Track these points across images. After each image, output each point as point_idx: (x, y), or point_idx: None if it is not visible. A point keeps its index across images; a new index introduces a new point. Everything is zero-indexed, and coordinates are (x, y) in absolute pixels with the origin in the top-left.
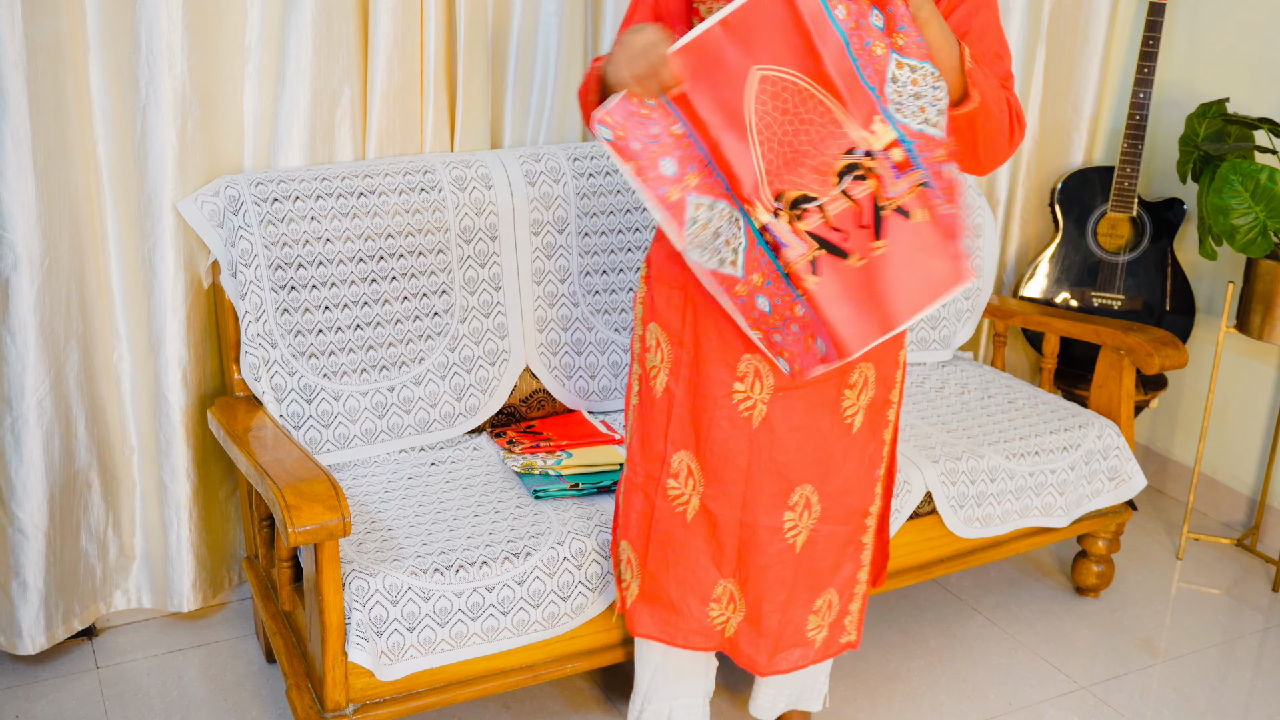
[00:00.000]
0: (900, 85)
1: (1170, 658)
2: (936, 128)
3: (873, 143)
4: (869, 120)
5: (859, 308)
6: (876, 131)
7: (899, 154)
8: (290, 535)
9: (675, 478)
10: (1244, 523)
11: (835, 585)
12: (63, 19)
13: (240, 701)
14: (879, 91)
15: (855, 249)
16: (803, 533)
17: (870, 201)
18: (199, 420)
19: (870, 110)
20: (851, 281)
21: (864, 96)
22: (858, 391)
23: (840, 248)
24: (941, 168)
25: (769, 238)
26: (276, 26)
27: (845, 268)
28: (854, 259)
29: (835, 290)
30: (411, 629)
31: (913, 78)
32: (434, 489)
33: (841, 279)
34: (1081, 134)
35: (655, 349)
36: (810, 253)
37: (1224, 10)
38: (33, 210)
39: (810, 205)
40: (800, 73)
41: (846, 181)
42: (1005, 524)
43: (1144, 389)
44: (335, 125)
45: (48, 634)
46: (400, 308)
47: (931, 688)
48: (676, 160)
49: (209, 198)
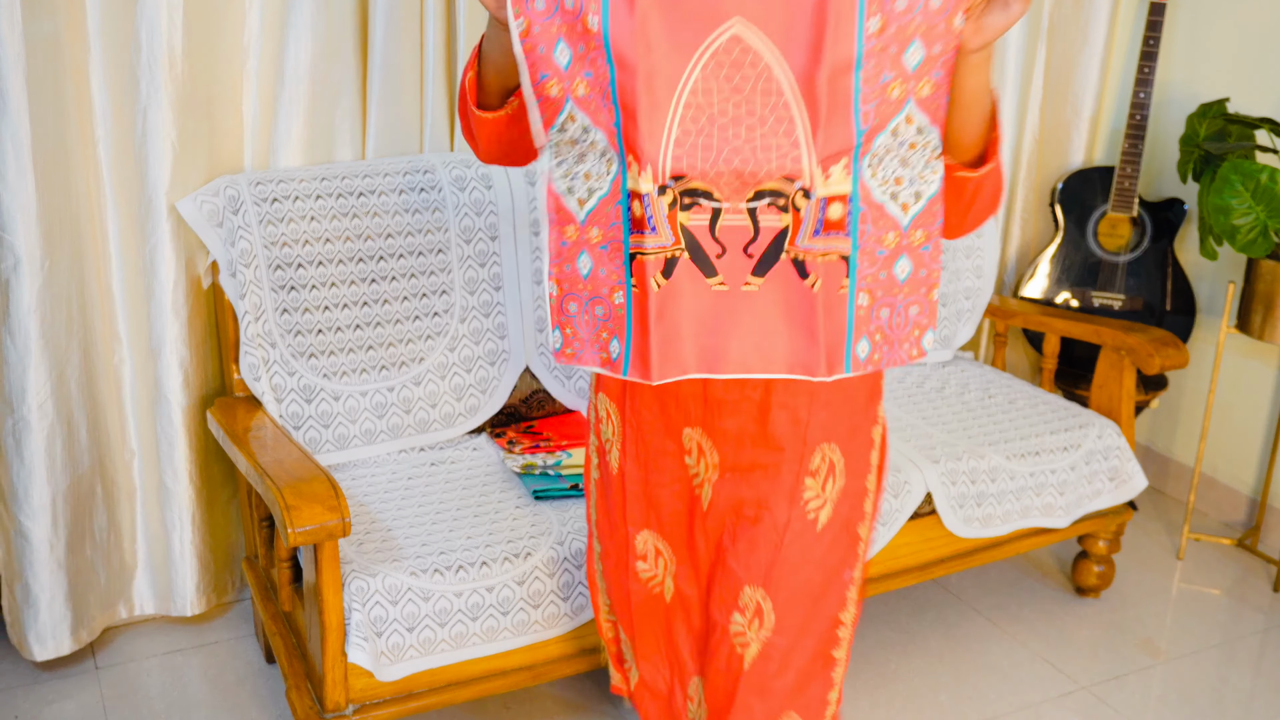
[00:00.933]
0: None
1: (1171, 658)
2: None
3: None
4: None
5: (689, 334)
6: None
7: (837, 211)
8: (290, 535)
9: (644, 559)
10: (1244, 523)
11: (797, 709)
12: (62, 18)
13: (240, 702)
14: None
15: (724, 271)
16: (753, 644)
17: (773, 236)
18: (199, 421)
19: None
20: (698, 302)
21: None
22: (822, 480)
23: (710, 261)
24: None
25: (637, 209)
26: (276, 26)
27: (701, 285)
28: (715, 281)
29: (675, 303)
30: (411, 629)
31: (913, 140)
32: (434, 489)
33: (689, 294)
34: (1082, 134)
35: (606, 420)
36: (672, 249)
37: (1224, 10)
38: (33, 211)
39: (705, 203)
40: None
41: (762, 203)
42: (1005, 524)
43: (1145, 389)
44: (335, 125)
45: (53, 641)
46: (400, 308)
47: (931, 688)
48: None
49: (208, 198)
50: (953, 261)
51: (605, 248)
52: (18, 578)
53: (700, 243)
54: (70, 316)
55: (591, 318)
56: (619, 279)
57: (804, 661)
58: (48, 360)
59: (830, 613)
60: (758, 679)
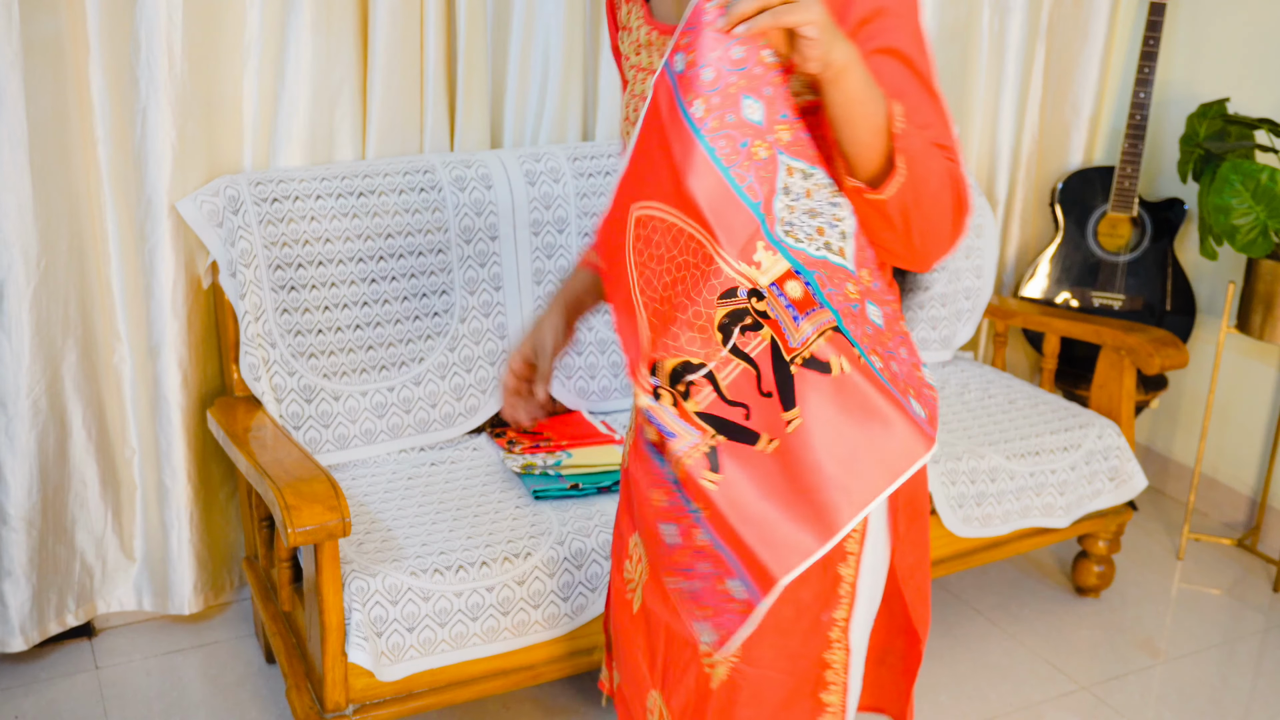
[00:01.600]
0: (793, 198)
1: (1171, 658)
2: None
3: (759, 278)
4: (750, 248)
5: (781, 510)
6: (762, 263)
7: (796, 288)
8: (290, 535)
9: (629, 559)
10: (1244, 523)
11: None
12: (63, 18)
13: (240, 702)
14: (765, 207)
15: (762, 427)
16: (720, 668)
17: (769, 357)
18: (199, 421)
19: (752, 235)
20: (766, 475)
21: (741, 216)
22: None
23: (745, 428)
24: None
25: (651, 434)
26: (276, 26)
27: (754, 456)
28: (764, 441)
29: (744, 490)
30: (411, 629)
31: (805, 187)
32: (434, 489)
33: (751, 473)
34: (1081, 134)
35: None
36: (705, 442)
37: (1224, 10)
38: (29, 210)
39: (696, 376)
40: (666, 203)
41: (735, 335)
42: (1005, 524)
43: (1144, 389)
44: (335, 125)
45: (39, 629)
46: (400, 308)
47: (932, 688)
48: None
49: (208, 198)
50: (953, 261)
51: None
52: (6, 573)
53: (723, 416)
54: (67, 316)
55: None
56: (691, 520)
57: (779, 697)
58: (42, 358)
59: (810, 652)
60: (728, 707)
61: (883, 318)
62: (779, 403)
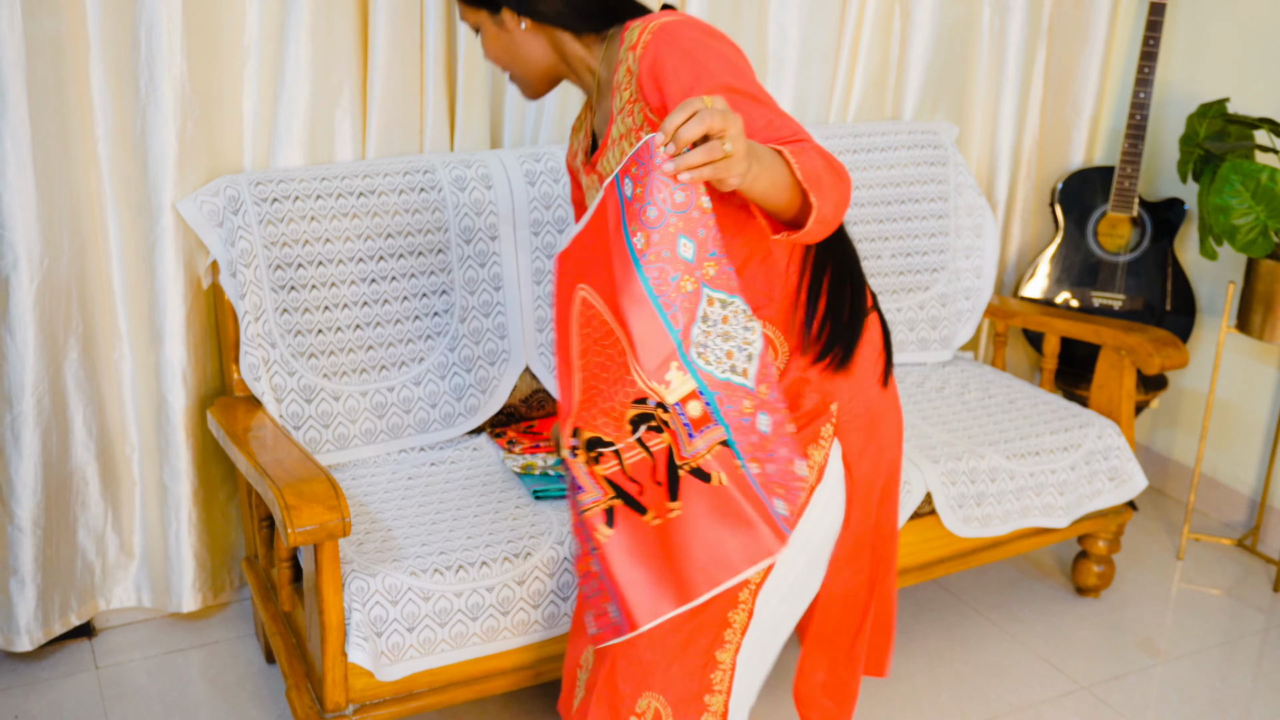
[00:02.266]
0: (710, 324)
1: (1171, 658)
2: (744, 376)
3: (666, 395)
4: (664, 369)
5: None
6: (671, 382)
7: (696, 408)
8: (290, 535)
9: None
10: (1245, 523)
11: (666, 692)
12: (63, 18)
13: (240, 702)
14: (683, 334)
15: (652, 506)
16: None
17: (665, 457)
18: (199, 420)
19: (668, 357)
20: (646, 541)
21: (661, 341)
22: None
23: (638, 502)
24: (747, 421)
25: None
26: (276, 26)
27: (641, 524)
28: (650, 516)
29: (628, 548)
30: (411, 629)
31: (723, 314)
32: (434, 489)
33: (636, 537)
34: (1081, 134)
35: None
36: (605, 501)
37: (1224, 10)
38: (32, 209)
39: (607, 449)
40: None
41: (641, 431)
42: (1005, 524)
43: (1144, 389)
44: (335, 125)
45: (44, 629)
46: (400, 308)
47: (932, 688)
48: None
49: (208, 198)
50: (953, 261)
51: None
52: (11, 571)
53: (623, 487)
54: (69, 314)
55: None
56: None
57: (679, 650)
58: (46, 356)
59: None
60: (630, 644)
61: (770, 425)
62: (666, 493)
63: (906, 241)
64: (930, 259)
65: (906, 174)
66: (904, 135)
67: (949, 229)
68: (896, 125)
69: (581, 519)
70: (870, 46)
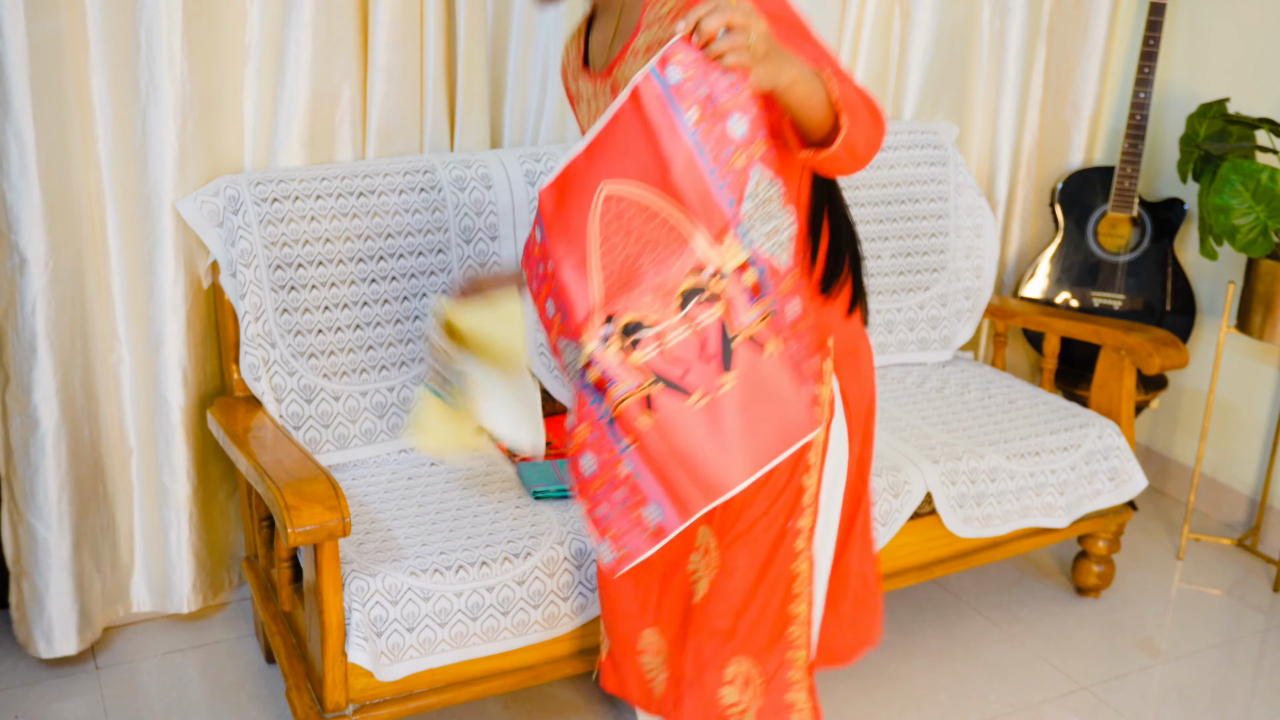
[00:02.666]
0: (757, 202)
1: (1171, 658)
2: (784, 256)
3: (724, 262)
4: (720, 236)
5: (702, 455)
6: (727, 247)
7: (751, 277)
8: (290, 535)
9: None
10: (1245, 523)
11: (751, 654)
12: (64, 18)
13: (240, 702)
14: (736, 206)
15: (697, 385)
16: (702, 580)
17: (718, 329)
18: (199, 420)
19: (724, 226)
20: (692, 424)
21: (717, 211)
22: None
23: (680, 384)
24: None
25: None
26: (276, 26)
27: (685, 408)
28: (695, 398)
29: (675, 432)
30: (411, 629)
31: (769, 194)
32: (434, 489)
33: (681, 420)
34: (1082, 134)
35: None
36: (643, 388)
37: (1224, 10)
38: (38, 211)
39: (646, 334)
40: (646, 186)
41: (690, 306)
42: (1005, 524)
43: (1144, 389)
44: (335, 125)
45: (61, 640)
46: (400, 308)
47: (932, 688)
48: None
49: (208, 198)
50: (953, 261)
51: (595, 435)
52: (25, 574)
53: (663, 372)
54: (74, 316)
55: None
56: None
57: (756, 609)
58: (53, 359)
59: (779, 564)
60: (705, 619)
61: (798, 314)
62: (719, 367)
63: (906, 241)
64: (930, 259)
65: (906, 174)
66: (904, 135)
67: (949, 229)
68: (896, 125)
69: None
70: (870, 46)
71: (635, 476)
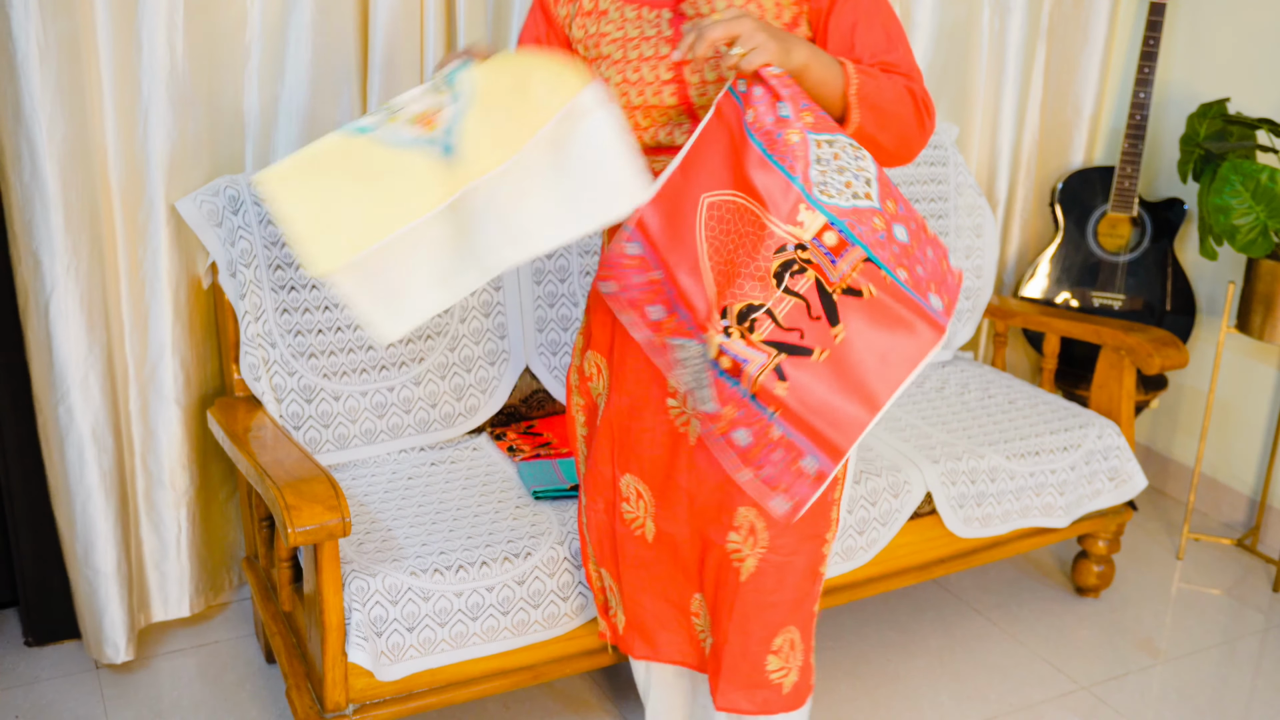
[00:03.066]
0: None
1: (1170, 658)
2: (868, 199)
3: (802, 234)
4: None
5: (839, 400)
6: (804, 222)
7: (832, 237)
8: (290, 535)
9: (627, 501)
10: (1244, 523)
11: (796, 623)
12: (77, 19)
13: (240, 702)
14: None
15: (815, 343)
16: (749, 559)
17: (815, 291)
18: (199, 421)
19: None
20: (822, 377)
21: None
22: None
23: (800, 346)
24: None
25: (726, 362)
26: (276, 26)
27: (811, 365)
28: (817, 354)
29: (809, 391)
30: (411, 629)
31: (832, 152)
32: (434, 489)
33: (811, 377)
34: (1082, 134)
35: (597, 375)
36: (771, 361)
37: (1224, 10)
38: (51, 212)
39: (758, 313)
40: (735, 189)
41: (786, 279)
42: (1005, 524)
43: (1144, 389)
44: (335, 125)
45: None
46: None
47: (932, 688)
48: (661, 305)
49: (208, 198)
50: (952, 261)
51: (742, 413)
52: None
53: (782, 340)
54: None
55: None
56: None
57: (798, 579)
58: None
59: (818, 532)
60: (755, 594)
61: (908, 234)
62: (827, 323)
63: None
64: None
65: (906, 174)
66: None
67: (949, 229)
68: None
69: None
70: None
71: (788, 436)
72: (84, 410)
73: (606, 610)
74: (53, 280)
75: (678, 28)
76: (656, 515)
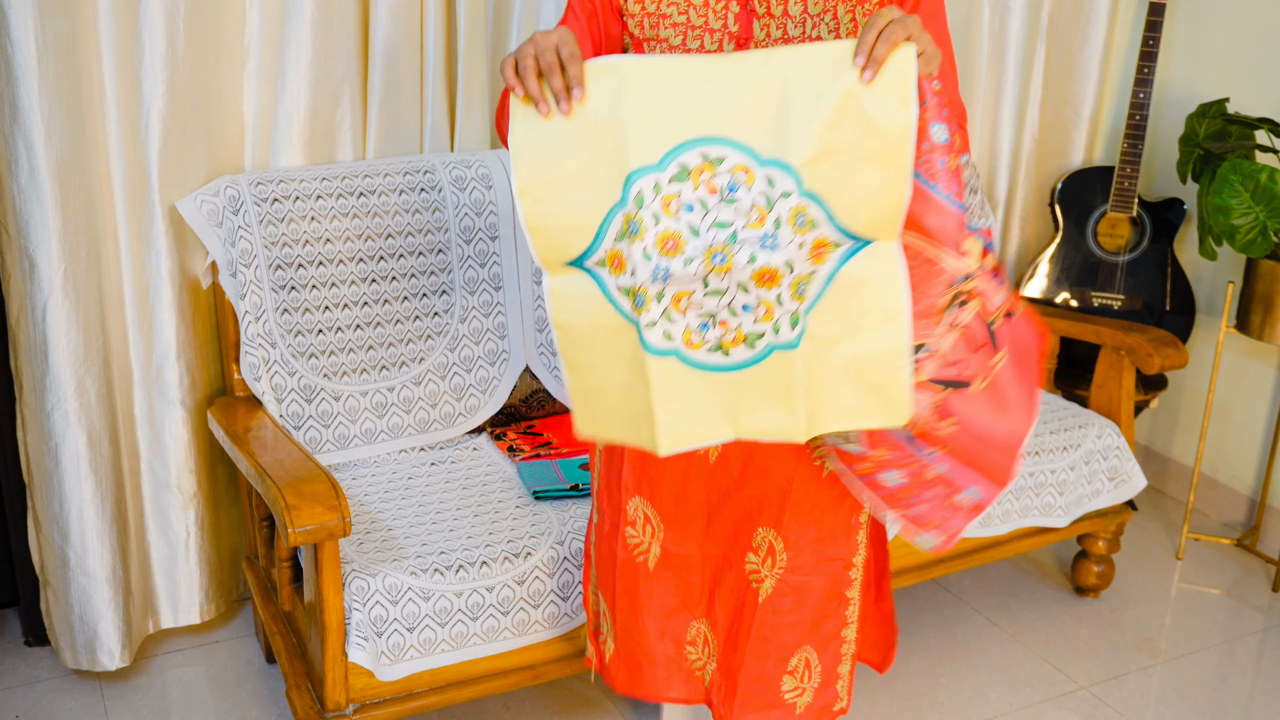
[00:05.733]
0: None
1: (1170, 658)
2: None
3: (969, 264)
4: (959, 243)
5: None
6: (969, 251)
7: (991, 260)
8: (290, 535)
9: (633, 525)
10: (1244, 523)
11: (814, 644)
12: (76, 20)
13: (240, 701)
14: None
15: (975, 372)
16: (767, 580)
17: (980, 321)
18: (200, 421)
19: (959, 231)
20: (983, 406)
21: (951, 219)
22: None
23: (961, 380)
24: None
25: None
26: (276, 26)
27: (971, 396)
28: (977, 383)
29: (972, 425)
30: (411, 629)
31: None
32: (434, 489)
33: (973, 409)
34: (1081, 134)
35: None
36: (933, 399)
37: (1224, 10)
38: (48, 215)
39: (922, 354)
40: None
41: (951, 314)
42: (1005, 524)
43: (1144, 389)
44: (335, 125)
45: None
46: (400, 308)
47: (931, 688)
48: None
49: (208, 197)
50: None
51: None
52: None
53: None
54: (87, 321)
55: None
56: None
57: (816, 600)
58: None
59: (842, 555)
60: (773, 615)
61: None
62: (990, 350)
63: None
64: None
65: None
66: None
67: None
68: None
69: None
70: None
71: (949, 475)
72: (80, 416)
73: (597, 635)
74: (50, 284)
75: (744, 24)
76: (665, 539)
